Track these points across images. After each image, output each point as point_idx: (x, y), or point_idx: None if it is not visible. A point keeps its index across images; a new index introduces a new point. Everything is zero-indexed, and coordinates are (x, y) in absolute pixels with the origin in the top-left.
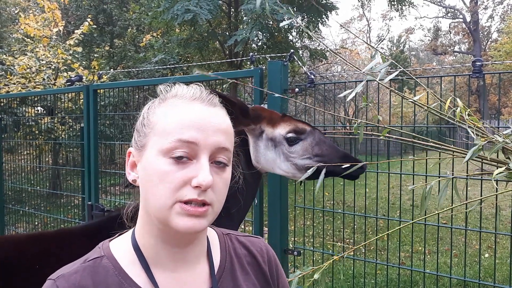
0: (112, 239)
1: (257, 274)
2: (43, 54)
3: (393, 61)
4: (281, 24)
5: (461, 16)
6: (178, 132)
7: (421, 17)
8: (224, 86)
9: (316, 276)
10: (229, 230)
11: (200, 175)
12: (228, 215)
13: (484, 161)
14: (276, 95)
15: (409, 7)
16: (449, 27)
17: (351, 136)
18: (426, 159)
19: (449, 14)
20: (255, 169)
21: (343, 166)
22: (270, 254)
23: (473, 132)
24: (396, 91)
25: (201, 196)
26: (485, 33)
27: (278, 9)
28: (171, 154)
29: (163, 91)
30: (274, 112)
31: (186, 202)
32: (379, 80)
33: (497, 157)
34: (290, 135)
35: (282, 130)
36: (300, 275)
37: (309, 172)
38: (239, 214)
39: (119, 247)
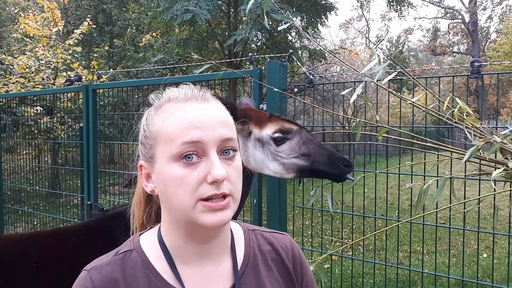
0: (142, 233)
1: (281, 270)
2: (43, 54)
3: (391, 62)
4: (280, 28)
5: (460, 17)
6: (181, 135)
7: (420, 18)
8: (219, 80)
9: (311, 268)
10: (255, 226)
11: (214, 170)
12: None
13: (482, 161)
14: (275, 89)
15: (408, 7)
16: (448, 27)
17: (349, 138)
18: (425, 161)
19: (448, 15)
20: (245, 170)
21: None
22: (295, 251)
23: (470, 133)
24: (394, 92)
25: (220, 190)
26: (484, 33)
27: (275, 16)
28: (181, 158)
29: (155, 98)
30: (262, 112)
31: (207, 199)
32: (377, 81)
33: (495, 157)
34: (276, 135)
35: (269, 130)
36: None
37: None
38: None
39: (148, 241)
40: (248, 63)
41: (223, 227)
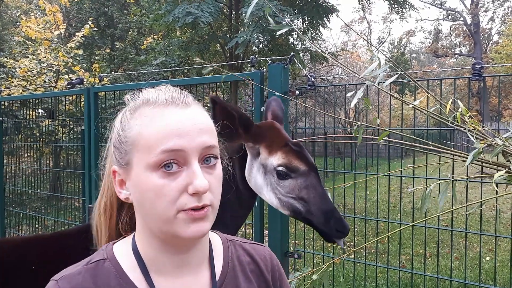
0: (115, 242)
1: (260, 282)
2: (44, 57)
3: (392, 65)
4: (278, 33)
5: (461, 19)
6: (160, 143)
7: (421, 20)
8: (220, 82)
9: (314, 276)
10: (234, 237)
11: (196, 181)
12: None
13: (484, 164)
14: (277, 93)
15: (409, 9)
16: (450, 29)
17: (351, 140)
18: (427, 164)
19: (449, 17)
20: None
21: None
22: (274, 263)
23: (472, 136)
24: (396, 95)
25: (201, 201)
26: (486, 35)
27: (274, 27)
28: (160, 167)
29: (131, 100)
30: (280, 135)
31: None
32: (379, 83)
33: (498, 160)
34: (281, 168)
35: (275, 161)
36: (299, 276)
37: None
38: (235, 222)
39: (122, 251)
40: (249, 65)
41: (202, 238)
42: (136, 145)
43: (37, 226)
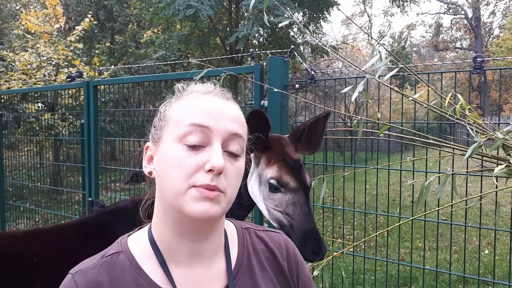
0: (130, 234)
1: (275, 270)
2: (44, 50)
3: (393, 58)
4: (280, 25)
5: (462, 12)
6: (192, 117)
7: (422, 13)
8: (222, 75)
9: (315, 272)
10: (249, 224)
11: (213, 158)
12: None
13: (484, 158)
14: (275, 89)
15: (410, 3)
16: (451, 23)
17: (351, 134)
18: (426, 158)
19: (450, 10)
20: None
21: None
22: (290, 250)
23: (472, 130)
24: (396, 88)
25: (214, 181)
26: (487, 29)
27: (275, 19)
28: (185, 141)
29: (180, 89)
30: (282, 150)
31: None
32: (379, 77)
33: (498, 153)
34: (272, 181)
35: (269, 173)
36: None
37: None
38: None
39: (137, 242)
40: (249, 59)
41: (217, 226)
42: (170, 120)
43: (37, 219)
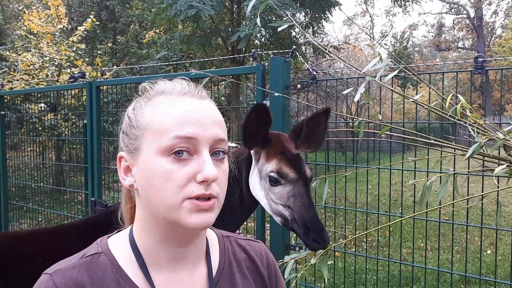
0: (110, 235)
1: (256, 278)
2: (47, 51)
3: (393, 60)
4: (279, 29)
5: (464, 12)
6: (175, 129)
7: (424, 13)
8: (223, 83)
9: (312, 260)
10: (229, 233)
11: (205, 169)
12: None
13: (485, 158)
14: (276, 94)
15: (412, 3)
16: (453, 23)
17: (353, 134)
18: (428, 158)
19: (452, 10)
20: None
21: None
22: (269, 259)
23: (473, 130)
24: (397, 90)
25: (208, 190)
26: (489, 29)
27: (273, 24)
28: (171, 152)
29: (148, 88)
30: (281, 145)
31: (194, 199)
32: (380, 78)
33: (499, 154)
34: (272, 174)
35: (269, 167)
36: (296, 258)
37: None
38: (235, 224)
39: (118, 245)
40: (251, 59)
41: (201, 232)
42: (148, 129)
43: (40, 219)
